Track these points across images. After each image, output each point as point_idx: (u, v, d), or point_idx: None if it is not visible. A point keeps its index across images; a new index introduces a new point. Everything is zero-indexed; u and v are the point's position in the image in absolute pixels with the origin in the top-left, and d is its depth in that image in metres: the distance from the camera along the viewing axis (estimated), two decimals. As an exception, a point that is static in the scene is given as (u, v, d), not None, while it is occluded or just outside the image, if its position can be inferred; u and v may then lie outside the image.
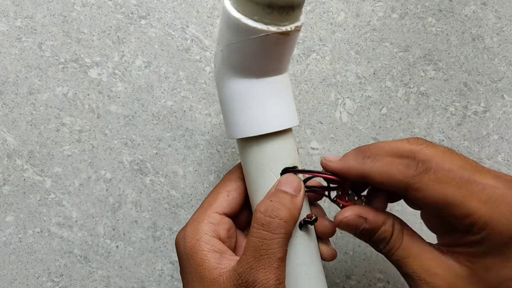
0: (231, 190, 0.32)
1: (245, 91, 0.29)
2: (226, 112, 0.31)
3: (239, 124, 0.30)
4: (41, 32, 0.42)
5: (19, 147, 0.42)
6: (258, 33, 0.26)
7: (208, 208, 0.31)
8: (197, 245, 0.29)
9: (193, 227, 0.30)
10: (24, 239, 0.42)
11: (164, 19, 0.42)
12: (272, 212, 0.28)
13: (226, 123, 0.31)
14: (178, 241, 0.31)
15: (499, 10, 0.44)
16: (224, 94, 0.30)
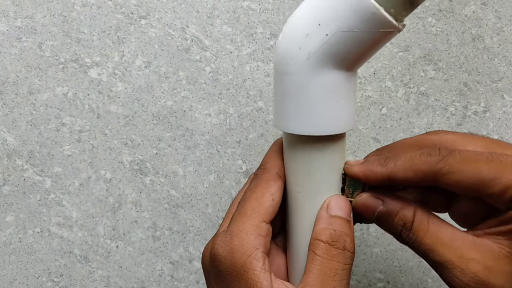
0: (275, 193, 0.28)
1: (339, 84, 0.26)
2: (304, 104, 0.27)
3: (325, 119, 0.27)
4: (41, 32, 0.42)
5: (19, 147, 0.42)
6: (389, 27, 0.24)
7: (255, 216, 0.26)
8: (248, 262, 0.25)
9: (240, 239, 0.26)
10: (24, 239, 0.42)
11: (164, 19, 0.42)
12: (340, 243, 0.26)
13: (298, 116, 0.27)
14: (222, 256, 0.26)
15: (499, 10, 0.44)
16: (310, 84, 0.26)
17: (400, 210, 0.26)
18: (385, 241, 0.43)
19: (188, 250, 0.43)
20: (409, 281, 0.43)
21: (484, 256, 0.24)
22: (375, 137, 0.43)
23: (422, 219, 0.26)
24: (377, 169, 0.27)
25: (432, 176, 0.25)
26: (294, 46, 0.26)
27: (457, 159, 0.25)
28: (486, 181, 0.24)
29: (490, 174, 0.24)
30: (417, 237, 0.26)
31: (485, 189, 0.24)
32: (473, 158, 0.25)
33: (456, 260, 0.24)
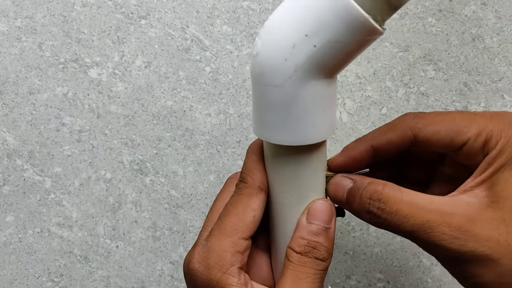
0: (256, 209, 0.27)
1: (325, 93, 0.26)
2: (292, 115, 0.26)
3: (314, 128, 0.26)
4: (41, 32, 0.42)
5: (19, 147, 0.42)
6: (376, 34, 0.24)
7: (235, 233, 0.27)
8: (224, 278, 0.26)
9: (218, 256, 0.26)
10: (24, 239, 0.42)
11: (164, 19, 0.42)
12: (312, 253, 0.26)
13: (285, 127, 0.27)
14: (198, 271, 0.26)
15: (499, 10, 0.44)
16: (299, 95, 0.26)
17: (368, 184, 0.26)
18: (385, 241, 0.43)
19: (188, 250, 0.43)
20: (409, 281, 0.43)
21: (465, 210, 0.24)
22: (375, 137, 0.43)
23: (392, 189, 0.26)
24: (357, 147, 0.28)
25: (410, 131, 0.26)
26: (279, 57, 0.25)
27: (431, 113, 0.26)
28: (460, 128, 0.25)
29: (463, 122, 0.25)
30: (390, 206, 0.25)
31: (459, 136, 0.25)
32: (446, 112, 0.27)
33: (438, 217, 0.24)
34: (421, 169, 0.31)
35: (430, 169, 0.31)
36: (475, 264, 0.24)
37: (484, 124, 0.25)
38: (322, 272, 0.27)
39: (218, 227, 0.27)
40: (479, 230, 0.23)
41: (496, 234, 0.23)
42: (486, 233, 0.23)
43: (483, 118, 0.25)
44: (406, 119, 0.27)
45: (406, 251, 0.43)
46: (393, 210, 0.25)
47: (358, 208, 0.27)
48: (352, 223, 0.43)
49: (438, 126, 0.26)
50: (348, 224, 0.44)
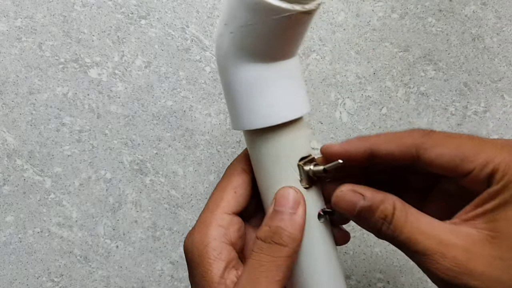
0: (237, 186, 0.29)
1: (258, 77, 0.26)
2: (235, 101, 0.28)
3: (253, 113, 0.27)
4: (41, 32, 0.42)
5: (19, 147, 0.42)
6: (282, 12, 0.24)
7: (216, 209, 0.28)
8: (204, 251, 0.27)
9: (200, 231, 0.28)
10: (24, 239, 0.42)
11: (164, 19, 0.42)
12: (272, 238, 0.26)
13: (235, 113, 0.28)
14: (186, 247, 0.28)
15: (499, 10, 0.44)
16: (232, 81, 0.27)
17: (381, 204, 0.26)
18: (385, 241, 0.43)
19: (188, 250, 0.43)
20: (409, 281, 0.43)
21: (463, 241, 0.24)
22: (375, 137, 0.43)
23: (401, 210, 0.26)
24: (357, 145, 0.27)
25: (414, 149, 0.26)
26: (216, 47, 0.27)
27: (440, 134, 0.26)
28: (467, 156, 0.24)
29: (470, 149, 0.24)
30: (396, 229, 0.25)
31: (465, 164, 0.24)
32: (455, 135, 0.26)
33: (436, 246, 0.24)
34: (421, 180, 0.30)
35: (431, 182, 0.30)
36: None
37: (493, 155, 0.24)
38: (282, 258, 0.26)
39: (205, 207, 0.29)
40: (474, 264, 0.24)
41: (490, 270, 0.24)
42: (481, 268, 0.24)
43: (492, 147, 0.25)
44: (415, 136, 0.26)
45: (406, 251, 0.43)
46: (398, 232, 0.25)
47: (370, 226, 0.27)
48: (351, 223, 0.43)
49: (444, 150, 0.25)
50: (348, 224, 0.43)
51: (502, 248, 0.24)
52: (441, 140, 0.26)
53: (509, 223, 0.24)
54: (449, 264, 0.24)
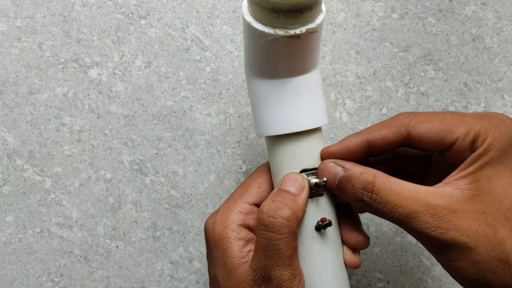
0: (262, 183, 0.32)
1: (263, 91, 0.29)
2: (252, 110, 0.32)
3: (260, 123, 0.31)
4: (41, 32, 0.42)
5: (19, 147, 0.42)
6: (266, 36, 0.26)
7: (239, 198, 0.31)
8: (224, 232, 0.30)
9: (223, 215, 0.31)
10: (24, 239, 0.42)
11: (164, 19, 0.42)
12: (275, 212, 0.28)
13: (254, 120, 0.32)
14: (207, 227, 0.31)
15: (499, 10, 0.44)
16: (250, 92, 0.31)
17: (360, 175, 0.28)
18: (385, 241, 0.43)
19: (188, 250, 0.43)
20: (409, 281, 0.43)
21: (448, 201, 0.26)
22: (375, 137, 0.43)
23: (383, 180, 0.28)
24: (353, 139, 0.30)
25: (404, 128, 0.28)
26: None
27: (424, 113, 0.29)
28: (450, 127, 0.27)
29: (453, 122, 0.27)
30: (381, 196, 0.27)
31: (449, 135, 0.27)
32: (438, 112, 0.29)
33: (423, 208, 0.26)
34: (417, 164, 0.33)
35: (426, 165, 0.32)
36: (454, 250, 0.26)
37: (473, 123, 0.27)
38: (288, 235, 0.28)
39: (228, 197, 0.32)
40: (460, 220, 0.26)
41: (476, 225, 0.26)
42: (466, 223, 0.26)
43: (472, 118, 0.27)
44: (401, 117, 0.29)
45: (406, 251, 0.43)
46: (383, 200, 0.27)
47: (350, 196, 0.29)
48: (352, 223, 0.43)
49: (430, 125, 0.28)
50: (348, 224, 0.44)
51: (485, 204, 0.26)
52: (426, 117, 0.28)
53: (490, 181, 0.26)
54: (437, 222, 0.26)
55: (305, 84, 0.30)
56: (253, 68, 0.29)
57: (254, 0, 0.26)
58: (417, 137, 0.28)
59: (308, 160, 0.30)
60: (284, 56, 0.28)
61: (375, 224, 0.43)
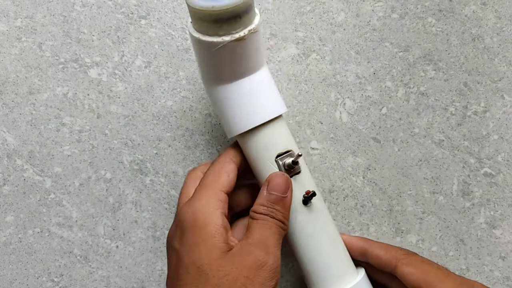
0: (230, 172, 0.34)
1: (227, 95, 0.33)
2: (219, 117, 0.35)
3: (229, 124, 0.34)
4: (41, 32, 0.42)
5: (19, 147, 0.42)
6: (216, 45, 0.30)
7: (215, 186, 0.33)
8: (209, 219, 0.32)
9: (203, 202, 0.32)
10: (24, 239, 0.42)
11: (164, 19, 0.42)
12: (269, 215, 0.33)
13: (223, 126, 0.36)
14: (187, 215, 0.32)
15: (499, 10, 0.44)
16: (213, 101, 0.35)
17: None
18: (385, 241, 0.43)
19: (188, 250, 0.43)
20: (409, 281, 0.43)
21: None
22: (375, 137, 0.43)
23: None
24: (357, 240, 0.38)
25: (394, 260, 0.34)
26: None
27: (418, 257, 0.34)
28: (429, 282, 0.32)
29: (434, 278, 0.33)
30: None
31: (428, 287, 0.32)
32: (429, 262, 0.34)
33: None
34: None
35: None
36: None
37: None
38: (280, 229, 0.33)
39: (200, 185, 0.34)
40: None
41: None
42: None
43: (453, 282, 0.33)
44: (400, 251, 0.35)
45: (406, 251, 0.43)
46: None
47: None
48: (352, 223, 0.44)
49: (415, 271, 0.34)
50: (348, 224, 0.44)
51: None
52: (416, 261, 0.34)
53: None
54: None
55: (259, 79, 0.34)
56: (211, 77, 0.33)
57: (198, 16, 0.29)
58: (400, 274, 0.34)
59: (280, 145, 0.34)
60: (235, 58, 0.32)
61: (375, 224, 0.43)
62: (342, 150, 0.43)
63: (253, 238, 0.32)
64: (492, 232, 0.44)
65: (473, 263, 0.43)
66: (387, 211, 0.44)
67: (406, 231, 0.44)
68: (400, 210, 0.44)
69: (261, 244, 0.31)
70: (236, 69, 0.32)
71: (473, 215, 0.44)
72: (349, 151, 0.43)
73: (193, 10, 0.29)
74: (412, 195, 0.44)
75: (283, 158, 0.34)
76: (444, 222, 0.44)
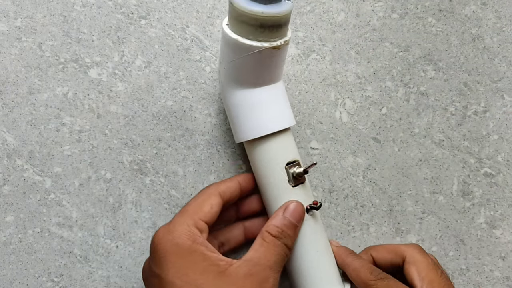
0: (214, 204, 0.35)
1: (248, 99, 0.34)
2: (233, 119, 0.36)
3: (246, 128, 0.35)
4: (41, 32, 0.42)
5: (19, 147, 0.42)
6: (254, 49, 0.31)
7: (195, 214, 0.34)
8: (194, 245, 0.32)
9: (183, 228, 0.33)
10: (24, 239, 0.42)
11: (164, 19, 0.42)
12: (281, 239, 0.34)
13: (234, 129, 0.37)
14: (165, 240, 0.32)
15: (499, 10, 0.44)
16: (230, 104, 0.35)
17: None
18: (384, 241, 0.43)
19: (188, 250, 0.43)
20: (409, 281, 0.43)
21: None
22: (375, 137, 0.43)
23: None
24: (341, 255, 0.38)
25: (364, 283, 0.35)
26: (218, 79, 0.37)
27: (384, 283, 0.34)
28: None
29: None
30: None
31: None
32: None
33: None
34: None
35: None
36: None
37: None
38: (285, 256, 0.34)
39: (180, 212, 0.35)
40: None
41: None
42: None
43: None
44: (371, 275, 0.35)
45: (406, 251, 0.43)
46: None
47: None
48: (352, 223, 0.43)
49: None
50: (348, 224, 0.44)
51: None
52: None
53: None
54: None
55: (278, 90, 0.35)
56: (237, 81, 0.34)
57: (242, 19, 0.30)
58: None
59: (289, 154, 0.36)
60: (267, 65, 0.33)
61: (375, 224, 0.43)
62: (342, 150, 0.43)
63: (259, 258, 0.32)
64: (492, 232, 0.44)
65: (473, 263, 0.43)
66: (387, 211, 0.43)
67: (406, 231, 0.44)
68: (400, 210, 0.44)
69: (267, 267, 0.32)
70: (263, 76, 0.34)
71: (473, 215, 0.44)
72: (349, 151, 0.43)
73: (239, 13, 0.30)
74: (412, 195, 0.43)
75: (291, 166, 0.36)
76: (444, 222, 0.44)
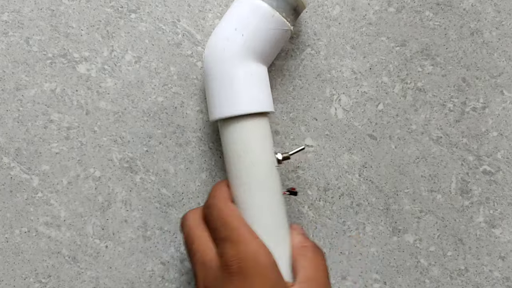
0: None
1: (260, 73, 0.35)
2: (228, 91, 0.34)
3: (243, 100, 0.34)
4: (28, 26, 0.41)
5: (5, 144, 0.41)
6: (283, 26, 0.35)
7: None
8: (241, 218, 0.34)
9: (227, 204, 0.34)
10: (10, 239, 0.41)
11: (154, 13, 0.41)
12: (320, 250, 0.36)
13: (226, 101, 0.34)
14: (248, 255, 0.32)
15: (498, 4, 0.43)
16: (237, 74, 0.34)
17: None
18: (381, 241, 0.42)
19: (179, 250, 0.42)
20: (407, 281, 0.42)
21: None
22: (371, 134, 0.42)
23: None
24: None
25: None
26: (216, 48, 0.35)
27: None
28: None
29: None
30: None
31: None
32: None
33: None
34: None
35: None
36: None
37: None
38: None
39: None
40: None
41: None
42: None
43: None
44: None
45: (403, 251, 0.42)
46: None
47: None
48: (347, 223, 0.42)
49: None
50: (344, 224, 0.43)
51: None
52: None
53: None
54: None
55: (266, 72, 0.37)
56: (254, 51, 0.34)
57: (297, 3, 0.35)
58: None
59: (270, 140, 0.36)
60: (281, 45, 0.36)
61: (371, 223, 0.42)
62: (337, 147, 0.42)
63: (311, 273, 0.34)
64: (492, 232, 0.43)
65: (472, 263, 0.42)
66: (383, 210, 0.42)
67: (403, 230, 0.42)
68: (397, 208, 0.43)
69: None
70: (272, 54, 0.36)
71: (472, 214, 0.43)
72: (344, 148, 0.42)
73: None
74: (409, 194, 0.42)
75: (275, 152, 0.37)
76: (442, 221, 0.43)
